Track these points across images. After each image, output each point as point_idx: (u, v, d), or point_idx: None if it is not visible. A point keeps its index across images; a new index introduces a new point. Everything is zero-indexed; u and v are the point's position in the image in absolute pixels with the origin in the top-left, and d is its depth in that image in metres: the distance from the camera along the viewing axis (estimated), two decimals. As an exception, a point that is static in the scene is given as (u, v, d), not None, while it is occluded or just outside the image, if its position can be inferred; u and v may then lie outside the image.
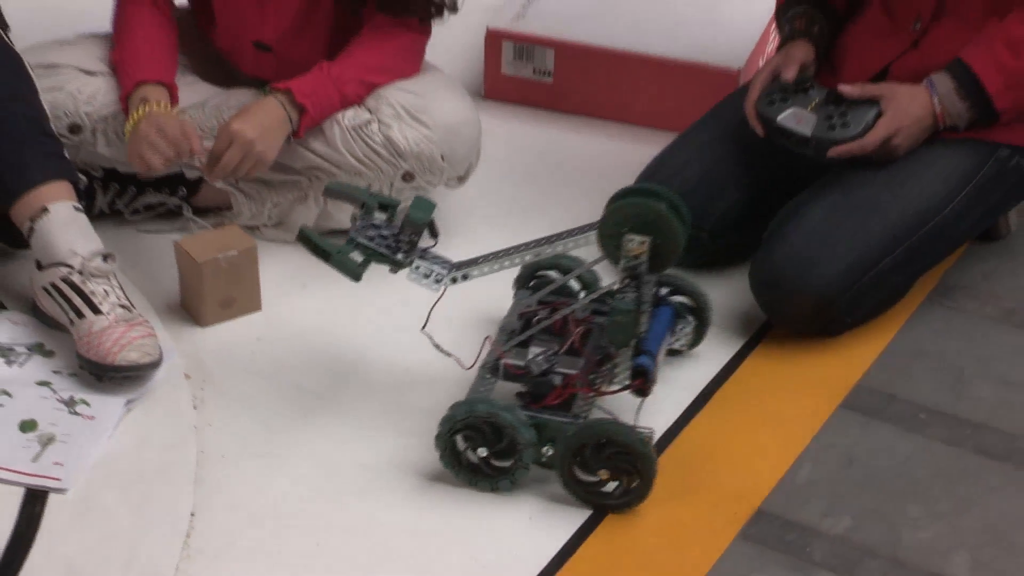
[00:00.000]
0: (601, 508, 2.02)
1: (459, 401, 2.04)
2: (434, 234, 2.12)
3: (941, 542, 1.95)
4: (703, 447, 2.11)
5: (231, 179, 2.40)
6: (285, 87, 2.35)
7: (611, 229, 2.00)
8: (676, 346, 2.22)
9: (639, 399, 2.04)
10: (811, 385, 2.23)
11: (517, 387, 2.10)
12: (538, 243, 2.08)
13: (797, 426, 2.15)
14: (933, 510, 2.01)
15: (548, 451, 2.01)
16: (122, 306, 2.17)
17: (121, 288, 2.21)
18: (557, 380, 2.07)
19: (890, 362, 2.26)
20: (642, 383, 2.04)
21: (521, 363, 2.07)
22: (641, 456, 1.96)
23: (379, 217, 2.09)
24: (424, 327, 2.09)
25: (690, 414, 2.16)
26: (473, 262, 2.10)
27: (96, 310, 2.15)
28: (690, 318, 2.22)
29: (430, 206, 2.09)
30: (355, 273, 2.09)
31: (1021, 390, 2.22)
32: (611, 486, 2.01)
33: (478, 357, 2.13)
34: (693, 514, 2.01)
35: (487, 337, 2.14)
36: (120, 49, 2.40)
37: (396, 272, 2.10)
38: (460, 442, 2.04)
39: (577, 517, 2.00)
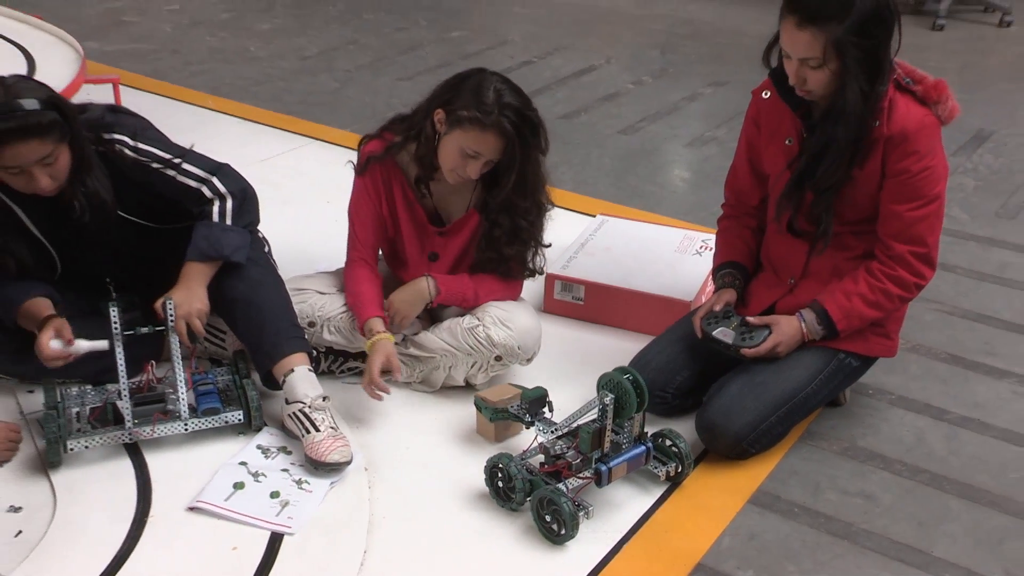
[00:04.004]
0: (548, 540, 2.00)
1: (500, 453, 2.09)
2: (550, 409, 2.20)
3: (804, 586, 1.95)
4: (664, 523, 2.10)
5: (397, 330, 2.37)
6: (436, 277, 2.37)
7: (599, 387, 2.07)
8: (657, 472, 2.15)
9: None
10: (730, 488, 2.21)
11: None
12: (580, 413, 2.10)
13: (721, 513, 2.14)
14: (801, 568, 2.01)
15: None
16: (332, 427, 2.19)
17: (332, 416, 2.22)
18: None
19: (776, 476, 2.25)
20: (596, 478, 2.05)
21: (548, 446, 2.08)
22: (567, 515, 1.96)
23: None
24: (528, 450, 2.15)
25: (658, 504, 2.15)
26: (557, 424, 2.12)
27: (317, 429, 2.17)
28: (675, 462, 2.17)
29: (541, 391, 2.19)
30: (491, 419, 2.24)
31: (854, 496, 2.20)
32: (556, 527, 2.00)
33: (532, 441, 2.15)
34: (657, 566, 2.00)
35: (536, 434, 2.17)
36: (353, 295, 2.38)
37: (528, 428, 2.18)
38: (496, 474, 2.08)
39: (586, 560, 1.98)
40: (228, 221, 2.29)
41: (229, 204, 2.30)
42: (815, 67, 2.06)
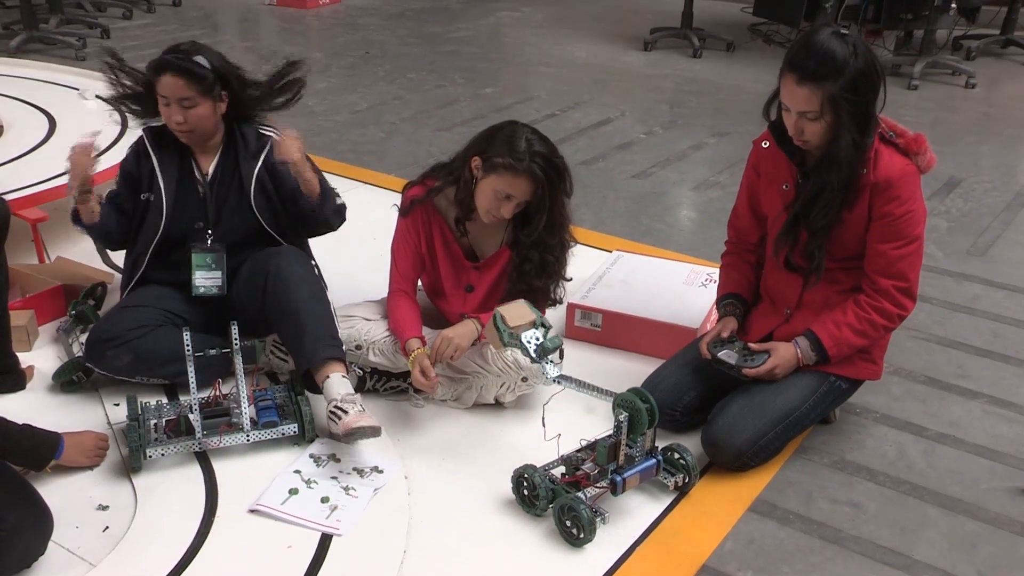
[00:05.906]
0: (568, 543, 1.96)
1: (526, 464, 2.05)
2: (560, 355, 2.16)
3: (800, 588, 1.90)
4: (673, 529, 2.07)
5: (445, 360, 2.29)
6: (475, 316, 2.33)
7: (614, 406, 2.04)
8: (666, 482, 2.12)
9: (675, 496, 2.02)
10: (731, 497, 2.17)
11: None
12: (598, 391, 2.09)
13: (724, 520, 2.10)
14: (795, 569, 1.97)
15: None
16: (359, 410, 2.15)
17: (360, 404, 2.17)
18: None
19: (773, 487, 2.21)
20: (612, 488, 2.01)
21: (569, 458, 2.05)
22: (585, 521, 1.93)
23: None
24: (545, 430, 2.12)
25: (667, 511, 2.11)
26: (568, 379, 2.09)
27: (346, 413, 2.14)
28: (683, 473, 2.13)
29: (558, 340, 2.13)
30: (504, 344, 2.11)
31: (842, 505, 2.16)
32: (575, 531, 1.96)
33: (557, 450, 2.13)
34: (666, 567, 1.96)
35: (558, 434, 2.14)
36: (394, 320, 2.37)
37: (533, 364, 2.11)
38: (522, 483, 2.04)
39: (602, 561, 1.94)
40: (338, 201, 2.47)
41: (340, 199, 2.49)
42: (812, 120, 2.05)
